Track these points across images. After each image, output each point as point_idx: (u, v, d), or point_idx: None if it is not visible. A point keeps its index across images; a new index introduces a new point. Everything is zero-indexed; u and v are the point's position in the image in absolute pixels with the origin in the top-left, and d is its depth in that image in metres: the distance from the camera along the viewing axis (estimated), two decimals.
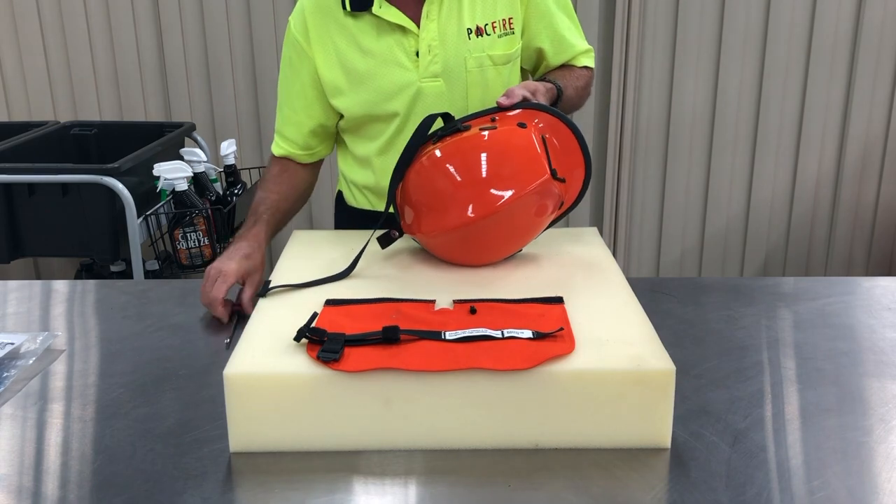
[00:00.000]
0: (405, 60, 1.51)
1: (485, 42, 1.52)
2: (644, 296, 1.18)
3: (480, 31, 1.51)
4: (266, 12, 2.95)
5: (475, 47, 1.51)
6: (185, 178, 2.36)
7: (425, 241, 1.31)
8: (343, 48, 1.53)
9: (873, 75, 2.95)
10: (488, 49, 1.52)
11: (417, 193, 1.29)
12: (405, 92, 1.51)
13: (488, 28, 1.52)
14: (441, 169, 1.26)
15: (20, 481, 0.95)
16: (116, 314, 1.42)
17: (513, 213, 1.22)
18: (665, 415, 0.98)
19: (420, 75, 1.51)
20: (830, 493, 0.91)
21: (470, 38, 1.51)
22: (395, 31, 1.50)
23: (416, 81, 1.51)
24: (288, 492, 0.93)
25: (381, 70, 1.51)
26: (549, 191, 1.24)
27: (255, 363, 0.99)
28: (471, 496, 0.93)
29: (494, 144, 1.25)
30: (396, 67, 1.51)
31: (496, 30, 1.52)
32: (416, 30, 1.50)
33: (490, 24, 1.52)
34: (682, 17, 2.91)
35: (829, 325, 1.32)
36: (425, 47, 1.50)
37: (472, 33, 1.51)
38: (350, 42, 1.52)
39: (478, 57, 1.52)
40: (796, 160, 3.06)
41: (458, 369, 0.96)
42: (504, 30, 1.53)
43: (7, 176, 2.29)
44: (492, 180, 1.22)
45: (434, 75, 1.51)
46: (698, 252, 3.19)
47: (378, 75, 1.51)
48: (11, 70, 3.06)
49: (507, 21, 1.53)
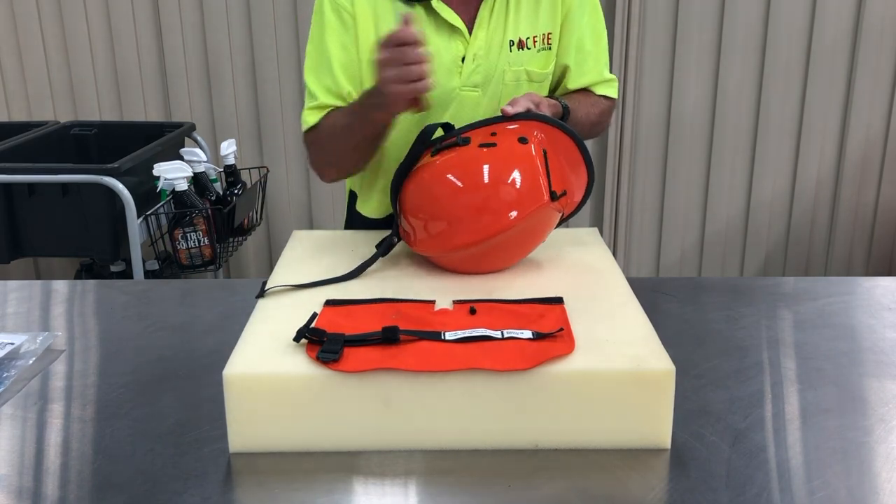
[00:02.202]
0: (451, 65, 1.45)
1: (524, 56, 1.47)
2: (644, 296, 1.18)
3: (522, 44, 1.46)
4: (266, 12, 2.95)
5: (515, 60, 1.46)
6: (185, 178, 2.36)
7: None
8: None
9: (873, 75, 2.95)
10: (527, 63, 1.47)
11: (415, 209, 1.28)
12: (444, 98, 1.44)
13: (529, 42, 1.47)
14: (439, 186, 1.25)
15: (20, 481, 0.95)
16: (116, 314, 1.42)
17: (509, 234, 1.22)
18: (665, 415, 0.98)
19: (462, 83, 1.46)
20: (830, 493, 0.91)
21: (511, 50, 1.46)
22: (446, 31, 1.44)
23: (458, 88, 1.46)
24: (288, 492, 0.93)
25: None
26: (548, 212, 1.24)
27: (255, 363, 0.99)
28: (471, 496, 0.93)
29: (494, 162, 1.23)
30: (442, 72, 1.42)
31: (536, 44, 1.47)
32: (467, 35, 1.45)
33: (532, 37, 1.47)
34: (682, 17, 2.91)
35: (829, 325, 1.32)
36: (471, 55, 1.45)
37: (515, 45, 1.46)
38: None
39: (516, 71, 1.47)
40: (796, 160, 3.06)
41: (458, 370, 0.96)
42: (544, 44, 1.48)
43: (7, 176, 2.29)
44: (489, 202, 1.21)
45: (474, 85, 1.46)
46: (698, 252, 3.19)
47: None
48: (11, 70, 3.06)
49: (547, 36, 1.48)
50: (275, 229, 3.19)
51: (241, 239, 2.73)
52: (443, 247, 1.26)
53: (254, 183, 2.76)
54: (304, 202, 3.16)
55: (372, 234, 1.43)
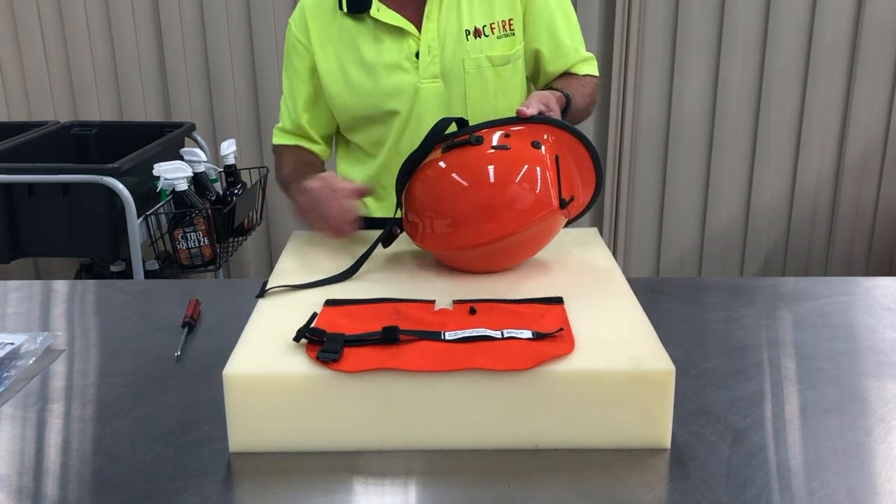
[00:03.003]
0: (405, 62, 1.51)
1: (483, 43, 1.51)
2: (644, 296, 1.18)
3: (479, 33, 1.51)
4: (266, 12, 2.96)
5: (473, 48, 1.51)
6: (185, 178, 2.36)
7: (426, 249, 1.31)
8: (343, 50, 1.53)
9: (873, 75, 2.95)
10: (487, 50, 1.52)
11: (422, 205, 1.27)
12: (405, 93, 1.52)
13: (486, 29, 1.51)
14: (448, 185, 1.25)
15: (20, 481, 0.95)
16: (116, 314, 1.42)
17: (515, 238, 1.22)
18: (665, 415, 0.98)
19: (420, 76, 1.51)
20: (830, 493, 0.91)
21: (468, 39, 1.51)
22: (393, 33, 1.51)
23: (416, 82, 1.51)
24: (288, 492, 0.93)
25: (381, 72, 1.51)
26: (556, 217, 1.24)
27: (255, 363, 1.00)
28: (471, 496, 0.93)
29: (505, 166, 1.23)
30: (396, 70, 1.51)
31: (495, 31, 1.52)
32: (415, 31, 1.50)
33: (489, 24, 1.51)
34: (682, 17, 2.91)
35: (829, 325, 1.32)
36: (425, 48, 1.50)
37: (471, 34, 1.51)
38: (350, 44, 1.52)
39: (476, 58, 1.51)
40: (796, 160, 3.06)
41: (458, 369, 0.96)
42: (503, 31, 1.52)
43: (7, 176, 2.29)
44: (497, 206, 1.21)
45: (433, 76, 1.51)
46: (698, 252, 3.19)
47: (377, 77, 1.51)
48: (11, 70, 3.06)
49: (507, 22, 1.53)
50: (275, 229, 3.19)
51: (241, 239, 2.73)
52: (447, 245, 1.26)
53: (254, 183, 2.76)
54: None
55: (372, 234, 1.44)
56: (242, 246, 2.90)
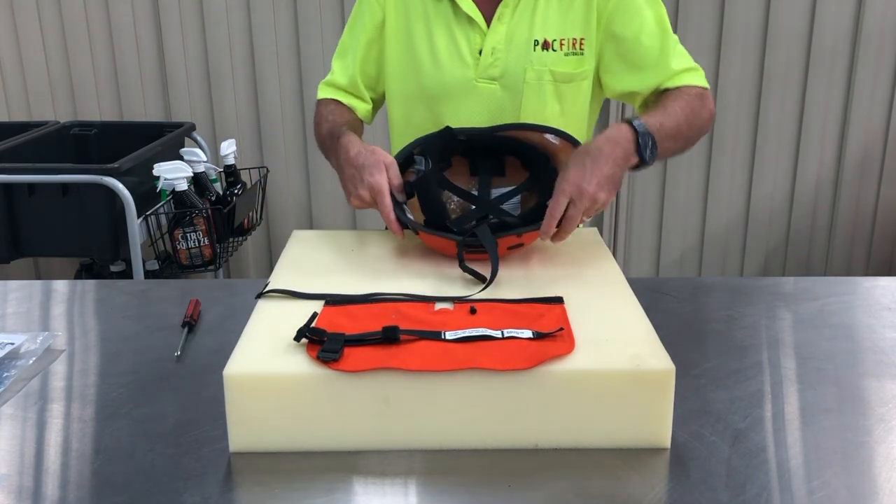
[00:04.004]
0: (467, 56, 1.50)
1: (549, 57, 1.48)
2: (644, 296, 1.18)
3: (547, 45, 1.48)
4: (266, 12, 2.96)
5: (538, 60, 1.48)
6: (185, 178, 2.36)
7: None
8: (414, 23, 1.52)
9: (873, 75, 2.95)
10: (551, 64, 1.48)
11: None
12: (460, 87, 1.50)
13: (556, 44, 1.48)
14: None
15: (20, 481, 0.95)
16: (116, 314, 1.42)
17: None
18: (665, 415, 0.98)
19: (478, 74, 1.50)
20: (830, 493, 0.91)
21: (535, 49, 1.48)
22: (464, 22, 1.49)
23: (473, 79, 1.50)
24: (288, 492, 0.93)
25: (443, 59, 1.50)
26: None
27: (255, 363, 0.99)
28: (471, 496, 0.93)
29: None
30: (458, 61, 1.50)
31: (563, 47, 1.48)
32: (485, 27, 1.49)
33: (559, 40, 1.48)
34: (682, 17, 2.91)
35: (829, 325, 1.32)
36: (489, 48, 1.48)
37: (539, 45, 1.48)
38: (422, 20, 1.51)
39: (539, 70, 1.48)
40: (796, 160, 3.06)
41: (458, 369, 0.96)
42: (572, 49, 1.49)
43: (7, 176, 2.29)
44: None
45: (491, 78, 1.50)
46: (698, 252, 3.19)
47: (439, 61, 1.50)
48: (11, 70, 3.06)
49: (578, 41, 1.49)
50: (275, 229, 3.19)
51: (241, 239, 2.73)
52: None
53: (254, 183, 2.76)
54: (304, 202, 3.16)
55: (372, 235, 1.44)
56: (242, 246, 2.90)
